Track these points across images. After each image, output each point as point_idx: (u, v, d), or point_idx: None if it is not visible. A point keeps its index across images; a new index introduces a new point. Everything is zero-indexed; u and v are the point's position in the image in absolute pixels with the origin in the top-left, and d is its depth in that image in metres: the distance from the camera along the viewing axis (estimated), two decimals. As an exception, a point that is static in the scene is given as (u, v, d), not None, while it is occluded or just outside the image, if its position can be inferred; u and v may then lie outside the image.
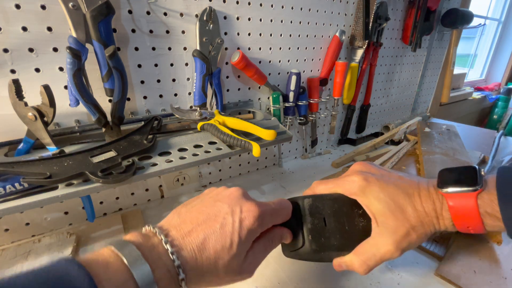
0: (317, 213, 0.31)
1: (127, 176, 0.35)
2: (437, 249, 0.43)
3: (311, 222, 0.30)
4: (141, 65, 0.46)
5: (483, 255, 0.42)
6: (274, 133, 0.47)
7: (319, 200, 0.32)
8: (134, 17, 0.43)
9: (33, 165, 0.33)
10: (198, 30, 0.48)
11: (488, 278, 0.38)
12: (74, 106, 0.40)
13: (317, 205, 0.31)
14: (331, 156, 0.80)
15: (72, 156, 0.36)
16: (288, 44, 0.63)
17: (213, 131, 0.46)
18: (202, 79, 0.50)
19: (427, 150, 0.73)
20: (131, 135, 0.42)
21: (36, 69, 0.39)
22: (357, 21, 0.73)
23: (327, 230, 0.30)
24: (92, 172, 0.34)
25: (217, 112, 0.50)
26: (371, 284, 0.37)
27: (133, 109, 0.48)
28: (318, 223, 0.31)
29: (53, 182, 0.32)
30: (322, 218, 0.31)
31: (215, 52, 0.50)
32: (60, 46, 0.39)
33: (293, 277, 0.38)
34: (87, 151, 0.37)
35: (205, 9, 0.48)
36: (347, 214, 0.31)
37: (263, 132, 0.47)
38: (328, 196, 0.32)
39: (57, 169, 0.34)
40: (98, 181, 0.34)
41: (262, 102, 0.65)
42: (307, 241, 0.30)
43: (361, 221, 0.31)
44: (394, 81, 1.00)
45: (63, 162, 0.35)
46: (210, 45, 0.50)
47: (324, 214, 0.31)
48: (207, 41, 0.49)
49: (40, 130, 0.37)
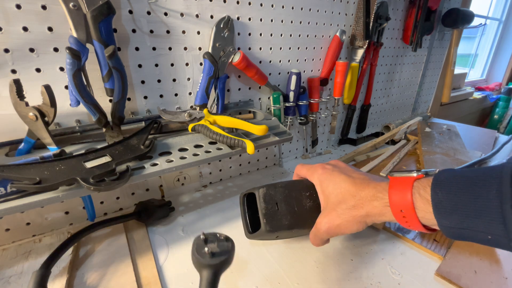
0: (270, 199, 0.37)
1: (120, 183, 0.34)
2: (438, 249, 0.43)
3: (265, 208, 0.36)
4: (141, 65, 0.46)
5: (484, 255, 0.42)
6: (266, 128, 0.47)
7: (272, 188, 0.38)
8: (135, 17, 0.43)
9: (23, 169, 0.32)
10: (214, 35, 0.50)
11: (489, 278, 0.38)
12: (74, 106, 0.40)
13: (270, 193, 0.37)
14: (332, 156, 0.80)
15: (65, 161, 0.35)
16: (288, 44, 0.63)
17: (205, 131, 0.46)
18: (208, 81, 0.51)
19: (428, 150, 0.73)
20: (129, 139, 0.42)
21: (37, 69, 0.39)
22: (358, 21, 0.73)
23: (279, 213, 0.37)
24: (83, 179, 0.33)
25: (206, 111, 0.50)
26: (371, 284, 0.37)
27: (134, 109, 0.48)
28: (271, 208, 0.37)
29: (42, 188, 0.31)
30: (274, 203, 0.37)
31: (225, 59, 0.52)
32: (60, 46, 0.39)
33: (293, 277, 0.38)
34: (81, 156, 0.36)
35: (224, 17, 0.50)
36: (296, 198, 0.38)
37: (254, 128, 0.47)
38: (280, 184, 0.39)
39: (48, 174, 0.32)
40: (89, 188, 0.32)
41: (262, 102, 0.65)
42: (263, 224, 0.36)
43: (308, 202, 0.38)
44: (394, 81, 1.00)
45: (55, 167, 0.34)
46: (222, 51, 0.52)
47: (276, 200, 0.37)
48: (220, 47, 0.51)
49: (41, 130, 0.37)
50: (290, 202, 0.37)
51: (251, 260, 0.41)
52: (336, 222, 0.33)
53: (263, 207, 0.36)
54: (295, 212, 0.37)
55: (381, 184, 0.32)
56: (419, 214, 0.28)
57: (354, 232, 0.33)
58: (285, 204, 0.37)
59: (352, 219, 0.32)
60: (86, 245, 0.43)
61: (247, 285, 0.37)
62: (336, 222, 0.33)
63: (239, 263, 0.41)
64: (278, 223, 0.36)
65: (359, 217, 0.32)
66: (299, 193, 0.38)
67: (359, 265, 0.41)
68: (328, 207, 0.35)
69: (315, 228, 0.36)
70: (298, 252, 0.43)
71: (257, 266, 0.40)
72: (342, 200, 0.33)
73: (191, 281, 0.38)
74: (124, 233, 0.46)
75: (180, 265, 0.40)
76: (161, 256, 0.42)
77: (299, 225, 0.37)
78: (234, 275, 0.39)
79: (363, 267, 0.40)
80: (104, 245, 0.43)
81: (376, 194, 0.31)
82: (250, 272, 0.39)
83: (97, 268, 0.39)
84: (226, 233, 0.27)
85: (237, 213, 0.52)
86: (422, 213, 0.27)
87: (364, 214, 0.32)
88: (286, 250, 0.43)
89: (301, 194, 0.38)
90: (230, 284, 0.37)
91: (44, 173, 0.33)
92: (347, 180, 0.34)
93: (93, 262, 0.40)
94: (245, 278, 0.38)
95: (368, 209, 0.31)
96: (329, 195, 0.35)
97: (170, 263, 0.40)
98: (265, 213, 0.36)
